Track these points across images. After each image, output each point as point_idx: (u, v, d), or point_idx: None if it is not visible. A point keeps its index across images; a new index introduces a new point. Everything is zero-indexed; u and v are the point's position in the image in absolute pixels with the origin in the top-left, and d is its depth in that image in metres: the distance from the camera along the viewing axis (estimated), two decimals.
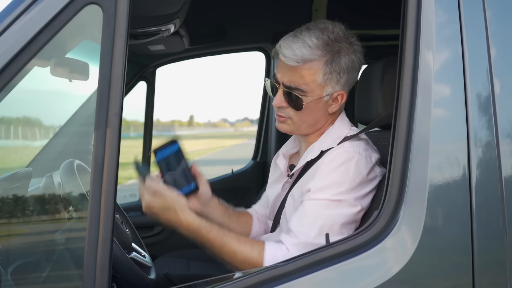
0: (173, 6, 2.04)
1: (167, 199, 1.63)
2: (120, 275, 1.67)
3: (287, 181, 1.91)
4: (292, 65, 1.71)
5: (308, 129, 1.82)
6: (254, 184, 3.77)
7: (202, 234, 1.63)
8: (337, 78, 1.74)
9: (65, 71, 1.67)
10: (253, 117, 72.98)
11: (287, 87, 1.74)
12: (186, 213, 1.63)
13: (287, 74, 1.74)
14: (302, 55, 1.69)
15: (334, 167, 1.68)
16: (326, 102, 1.78)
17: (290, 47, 1.71)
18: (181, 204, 1.64)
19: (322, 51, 1.70)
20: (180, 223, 1.63)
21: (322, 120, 1.82)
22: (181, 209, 1.63)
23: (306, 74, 1.71)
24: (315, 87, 1.73)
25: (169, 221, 1.64)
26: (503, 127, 1.42)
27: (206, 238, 1.63)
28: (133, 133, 32.25)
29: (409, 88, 1.42)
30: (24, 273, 1.64)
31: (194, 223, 1.63)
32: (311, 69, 1.71)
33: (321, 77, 1.72)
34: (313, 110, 1.77)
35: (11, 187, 1.80)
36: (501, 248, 1.40)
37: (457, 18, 1.45)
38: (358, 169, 1.67)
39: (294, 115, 1.78)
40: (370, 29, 3.46)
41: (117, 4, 1.33)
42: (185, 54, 3.46)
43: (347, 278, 1.40)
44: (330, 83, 1.74)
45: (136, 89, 3.54)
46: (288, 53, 1.70)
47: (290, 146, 2.02)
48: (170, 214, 1.62)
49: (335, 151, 1.72)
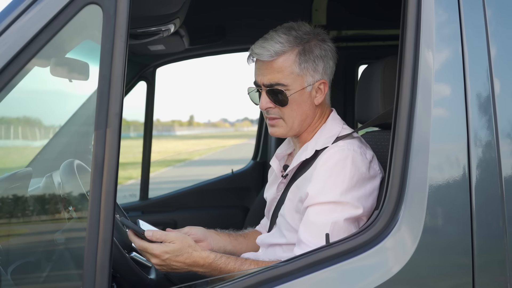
0: (173, 6, 2.04)
1: (176, 241, 1.61)
2: (120, 275, 1.67)
3: (281, 181, 1.92)
4: (267, 60, 1.76)
5: (300, 126, 1.83)
6: (254, 184, 3.78)
7: (220, 267, 1.62)
8: (314, 66, 1.79)
9: (65, 71, 1.67)
10: (253, 117, 72.93)
11: (269, 85, 1.78)
12: (198, 249, 1.63)
13: (265, 73, 1.78)
14: (275, 49, 1.75)
15: (330, 166, 1.68)
16: (310, 93, 1.81)
17: (261, 46, 1.78)
18: (191, 243, 1.63)
19: (292, 43, 1.77)
20: (196, 262, 1.61)
21: (311, 114, 1.84)
22: (191, 246, 1.62)
23: (282, 67, 1.76)
24: (295, 79, 1.77)
25: (183, 264, 1.62)
26: (503, 127, 1.42)
27: (225, 270, 1.62)
28: (133, 133, 32.26)
29: (409, 88, 1.42)
30: (24, 273, 1.64)
31: (210, 257, 1.62)
32: (286, 60, 1.77)
33: (297, 68, 1.77)
34: (299, 103, 1.79)
35: (11, 187, 1.80)
36: (501, 248, 1.40)
37: (457, 18, 1.45)
38: (355, 166, 1.67)
39: (283, 113, 1.80)
40: (370, 29, 3.47)
41: (117, 4, 1.33)
42: (185, 54, 3.46)
43: (347, 278, 1.40)
44: (308, 72, 1.78)
45: (136, 89, 3.54)
46: (260, 51, 1.77)
47: (285, 147, 2.03)
48: (184, 256, 1.61)
49: (330, 151, 1.73)
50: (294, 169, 1.84)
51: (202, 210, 3.69)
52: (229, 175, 3.84)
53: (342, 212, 1.62)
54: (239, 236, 2.05)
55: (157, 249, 1.59)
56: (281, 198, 1.88)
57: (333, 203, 1.63)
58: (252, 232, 2.12)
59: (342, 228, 1.61)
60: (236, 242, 2.01)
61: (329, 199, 1.64)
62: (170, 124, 62.32)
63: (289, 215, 1.78)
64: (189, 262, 1.61)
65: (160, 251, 1.59)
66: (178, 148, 29.58)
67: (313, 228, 1.63)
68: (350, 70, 3.58)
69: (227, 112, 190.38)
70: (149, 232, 1.60)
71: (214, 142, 38.28)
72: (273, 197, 1.96)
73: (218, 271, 1.61)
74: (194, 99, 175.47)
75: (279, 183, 1.93)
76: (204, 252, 1.62)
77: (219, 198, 3.78)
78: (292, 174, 1.86)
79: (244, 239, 2.05)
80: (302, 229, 1.66)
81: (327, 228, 1.60)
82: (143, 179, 3.60)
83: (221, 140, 40.69)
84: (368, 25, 3.43)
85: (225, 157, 19.95)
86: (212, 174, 4.05)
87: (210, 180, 3.89)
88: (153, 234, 1.60)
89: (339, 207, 1.63)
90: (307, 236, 1.63)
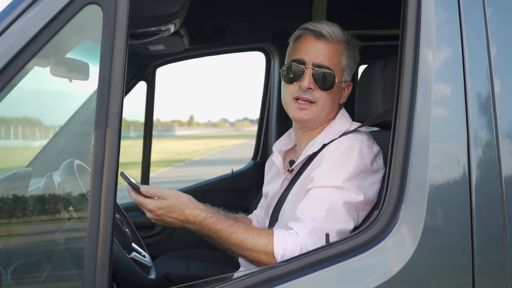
0: (173, 6, 2.04)
1: (170, 198, 1.65)
2: (120, 275, 1.67)
3: (286, 177, 1.91)
4: (325, 39, 1.80)
5: (325, 116, 1.85)
6: (254, 184, 3.77)
7: (209, 226, 1.65)
8: (352, 66, 1.87)
9: (65, 71, 1.67)
10: (253, 117, 73.00)
11: (318, 65, 1.80)
12: (191, 207, 1.66)
13: (318, 54, 1.80)
14: (337, 32, 1.82)
15: (337, 154, 1.70)
16: (341, 90, 1.87)
17: (325, 24, 1.81)
18: (184, 200, 1.66)
19: (344, 39, 1.84)
20: (187, 219, 1.65)
21: (333, 111, 1.87)
22: (184, 204, 1.65)
23: (335, 54, 1.82)
24: (339, 70, 1.83)
25: (176, 220, 1.65)
26: (503, 127, 1.42)
27: (214, 229, 1.65)
28: (133, 133, 32.27)
29: (409, 88, 1.42)
30: (24, 273, 1.64)
31: (200, 215, 1.65)
32: (339, 50, 1.83)
33: (344, 61, 1.84)
34: (336, 93, 1.84)
35: (11, 187, 1.80)
36: (501, 248, 1.40)
37: (457, 17, 1.45)
38: (361, 156, 1.69)
39: (321, 97, 1.81)
40: (370, 29, 3.47)
41: (117, 4, 1.33)
42: (185, 54, 3.46)
43: (347, 278, 1.40)
44: (347, 70, 1.85)
45: (136, 89, 3.54)
46: (325, 28, 1.80)
47: (284, 142, 2.02)
48: (176, 212, 1.64)
49: (338, 141, 1.76)
50: (300, 163, 1.84)
51: None
52: (229, 175, 3.84)
53: (342, 195, 1.65)
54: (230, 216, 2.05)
55: (151, 204, 1.64)
56: (284, 195, 1.87)
57: (335, 187, 1.66)
58: (244, 218, 2.12)
59: (340, 210, 1.64)
60: None
61: (331, 183, 1.66)
62: (170, 124, 62.33)
63: (292, 207, 1.77)
64: (181, 218, 1.66)
65: (154, 206, 1.64)
66: (178, 148, 29.58)
67: (311, 205, 1.66)
68: None
69: (227, 112, 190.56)
70: (144, 188, 1.65)
71: (214, 142, 38.29)
72: (275, 193, 1.95)
73: (207, 230, 1.65)
74: (194, 99, 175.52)
75: (283, 179, 1.92)
76: (196, 211, 1.66)
77: (219, 198, 3.76)
78: (297, 169, 1.86)
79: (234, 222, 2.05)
80: (301, 206, 1.69)
81: (325, 207, 1.63)
82: (143, 179, 3.60)
83: (221, 140, 40.69)
84: (368, 25, 3.43)
85: (225, 157, 19.95)
86: (212, 174, 4.05)
87: (210, 180, 3.89)
88: (147, 190, 1.65)
89: (340, 192, 1.65)
90: (303, 212, 1.66)
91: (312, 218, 1.63)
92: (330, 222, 1.62)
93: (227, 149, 28.52)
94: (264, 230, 1.70)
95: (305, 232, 1.61)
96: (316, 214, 1.63)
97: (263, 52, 3.71)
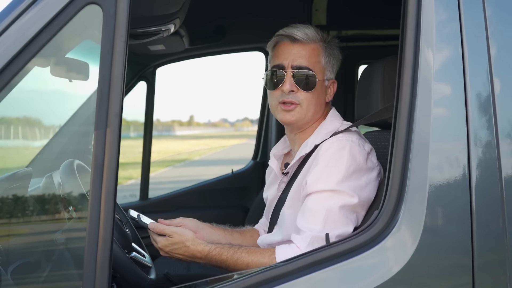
0: (173, 6, 2.04)
1: (174, 236, 1.75)
2: (120, 275, 1.67)
3: (282, 180, 1.93)
4: (300, 42, 1.83)
5: (312, 116, 1.87)
6: (254, 184, 3.77)
7: (215, 258, 1.71)
8: (333, 64, 1.90)
9: (65, 71, 1.67)
10: (253, 117, 73.05)
11: (297, 68, 1.83)
12: (195, 243, 1.73)
13: (296, 56, 1.84)
14: (311, 33, 1.85)
15: (328, 156, 1.72)
16: (326, 88, 1.89)
17: (295, 28, 1.85)
18: (188, 236, 1.74)
19: (320, 37, 1.88)
20: (194, 255, 1.74)
21: (320, 110, 1.89)
22: (188, 240, 1.74)
23: (313, 54, 1.85)
24: (319, 69, 1.85)
25: (184, 256, 1.75)
26: (503, 127, 1.42)
27: (220, 260, 1.71)
28: (133, 133, 32.27)
29: (409, 88, 1.42)
30: (24, 273, 1.64)
31: (205, 249, 1.72)
32: (316, 49, 1.86)
33: (323, 59, 1.86)
34: (319, 92, 1.86)
35: (11, 187, 1.80)
36: (501, 248, 1.40)
37: (457, 17, 1.45)
38: (353, 156, 1.70)
39: (304, 98, 1.83)
40: (370, 29, 3.47)
41: (117, 4, 1.33)
42: (185, 54, 3.46)
43: (347, 278, 1.40)
44: (328, 68, 1.88)
45: (136, 89, 3.54)
46: (294, 31, 1.84)
47: (280, 147, 2.04)
48: (181, 249, 1.74)
49: (328, 142, 1.77)
50: (295, 165, 1.86)
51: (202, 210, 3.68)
52: (229, 175, 3.84)
53: (337, 200, 1.66)
54: (234, 232, 2.07)
55: (159, 242, 1.77)
56: (281, 197, 1.88)
57: (329, 191, 1.67)
58: (249, 230, 2.14)
59: (337, 215, 1.65)
60: (231, 237, 2.02)
61: (326, 187, 1.68)
62: (170, 124, 62.32)
63: (291, 211, 1.78)
64: (188, 254, 1.75)
65: (162, 244, 1.77)
66: (178, 148, 29.58)
67: (309, 215, 1.68)
68: (350, 70, 3.57)
69: (227, 112, 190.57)
70: (152, 225, 1.78)
71: (214, 142, 38.28)
72: (274, 197, 1.96)
73: (214, 261, 1.73)
74: (194, 99, 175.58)
75: (280, 182, 1.94)
76: (200, 246, 1.73)
77: (219, 198, 3.77)
78: (293, 171, 1.87)
79: (240, 235, 2.06)
80: (300, 216, 1.71)
81: (322, 215, 1.65)
82: (143, 179, 3.60)
83: (221, 140, 40.69)
84: (368, 25, 3.43)
85: (225, 157, 19.94)
86: (212, 174, 4.05)
87: (210, 180, 3.89)
88: (154, 227, 1.77)
89: (335, 195, 1.67)
90: (302, 223, 1.68)
91: (310, 229, 1.65)
92: (329, 228, 1.63)
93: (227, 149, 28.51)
94: (266, 250, 1.73)
95: (305, 243, 1.64)
96: (313, 224, 1.65)
97: (263, 52, 3.71)
